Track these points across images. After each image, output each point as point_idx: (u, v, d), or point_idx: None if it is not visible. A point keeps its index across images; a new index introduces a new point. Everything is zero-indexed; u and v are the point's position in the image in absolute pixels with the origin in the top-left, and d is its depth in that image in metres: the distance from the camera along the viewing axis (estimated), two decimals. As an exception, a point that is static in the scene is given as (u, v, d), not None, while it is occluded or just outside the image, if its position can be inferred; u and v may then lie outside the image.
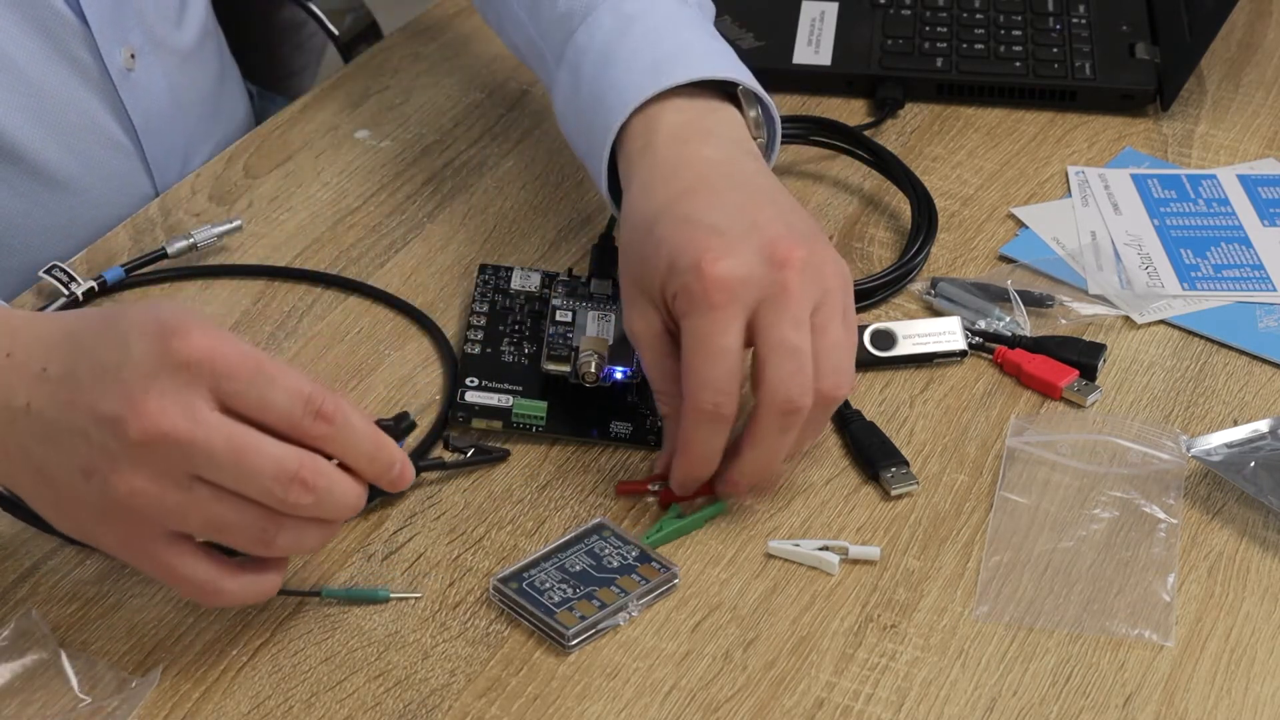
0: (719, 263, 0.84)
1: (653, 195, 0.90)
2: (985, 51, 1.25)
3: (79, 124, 1.11)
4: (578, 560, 0.87)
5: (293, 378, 0.76)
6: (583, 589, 0.85)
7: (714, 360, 0.84)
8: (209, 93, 1.23)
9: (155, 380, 0.74)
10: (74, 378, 0.75)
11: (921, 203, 1.10)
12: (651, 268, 0.87)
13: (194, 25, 1.21)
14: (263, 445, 0.75)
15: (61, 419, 0.75)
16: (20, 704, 0.80)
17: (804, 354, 0.85)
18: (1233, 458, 0.92)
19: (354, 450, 0.77)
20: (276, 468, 0.75)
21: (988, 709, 0.82)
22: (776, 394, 0.84)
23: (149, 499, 0.75)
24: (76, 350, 0.76)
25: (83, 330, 0.77)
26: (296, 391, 0.75)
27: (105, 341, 0.75)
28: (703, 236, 0.86)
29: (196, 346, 0.74)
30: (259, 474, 0.75)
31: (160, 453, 0.74)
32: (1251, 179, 1.15)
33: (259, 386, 0.75)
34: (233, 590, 0.79)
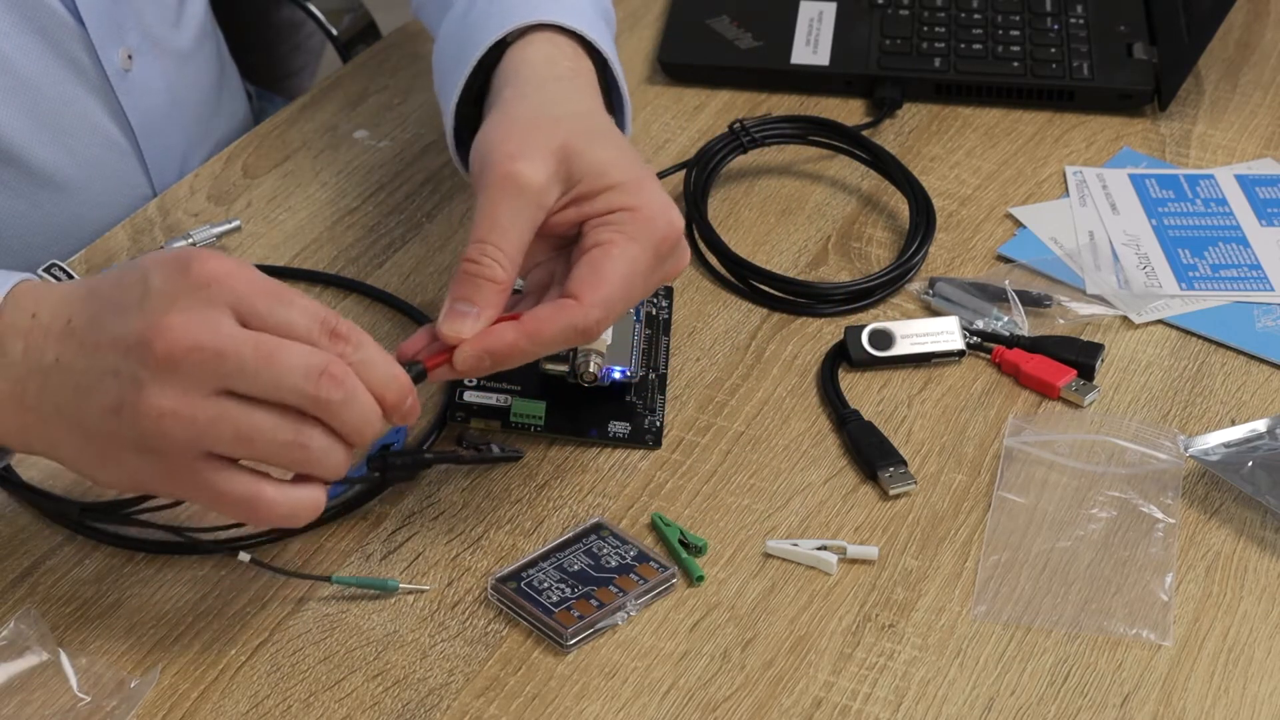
0: (678, 220, 0.87)
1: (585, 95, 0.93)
2: (983, 51, 1.25)
3: (76, 124, 1.11)
4: (576, 560, 0.87)
5: (309, 301, 0.78)
6: (581, 589, 0.85)
7: (631, 292, 0.85)
8: (207, 93, 1.23)
9: (176, 301, 0.75)
10: (97, 322, 0.77)
11: (919, 203, 1.10)
12: (603, 166, 0.87)
13: (192, 26, 1.21)
14: (290, 346, 0.76)
15: (90, 365, 0.77)
16: (20, 703, 0.81)
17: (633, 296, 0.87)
18: (1230, 457, 0.93)
19: (370, 370, 0.78)
20: (305, 363, 0.76)
21: (986, 708, 0.82)
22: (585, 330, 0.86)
23: (180, 420, 0.75)
24: (97, 299, 0.78)
25: (102, 282, 0.79)
26: (313, 312, 0.77)
27: (125, 283, 0.77)
28: (657, 188, 0.87)
29: (214, 269, 0.76)
30: (290, 371, 0.75)
31: (187, 368, 0.75)
32: (1249, 179, 1.15)
33: (277, 306, 0.76)
34: (278, 500, 0.78)
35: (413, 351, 0.84)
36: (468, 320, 0.84)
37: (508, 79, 0.94)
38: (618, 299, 0.85)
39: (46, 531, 0.89)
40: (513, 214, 0.85)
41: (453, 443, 0.93)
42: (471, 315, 0.84)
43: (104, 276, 0.80)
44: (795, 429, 0.96)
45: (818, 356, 1.01)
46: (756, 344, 1.02)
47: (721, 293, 1.05)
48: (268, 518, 0.78)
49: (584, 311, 0.84)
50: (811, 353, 1.01)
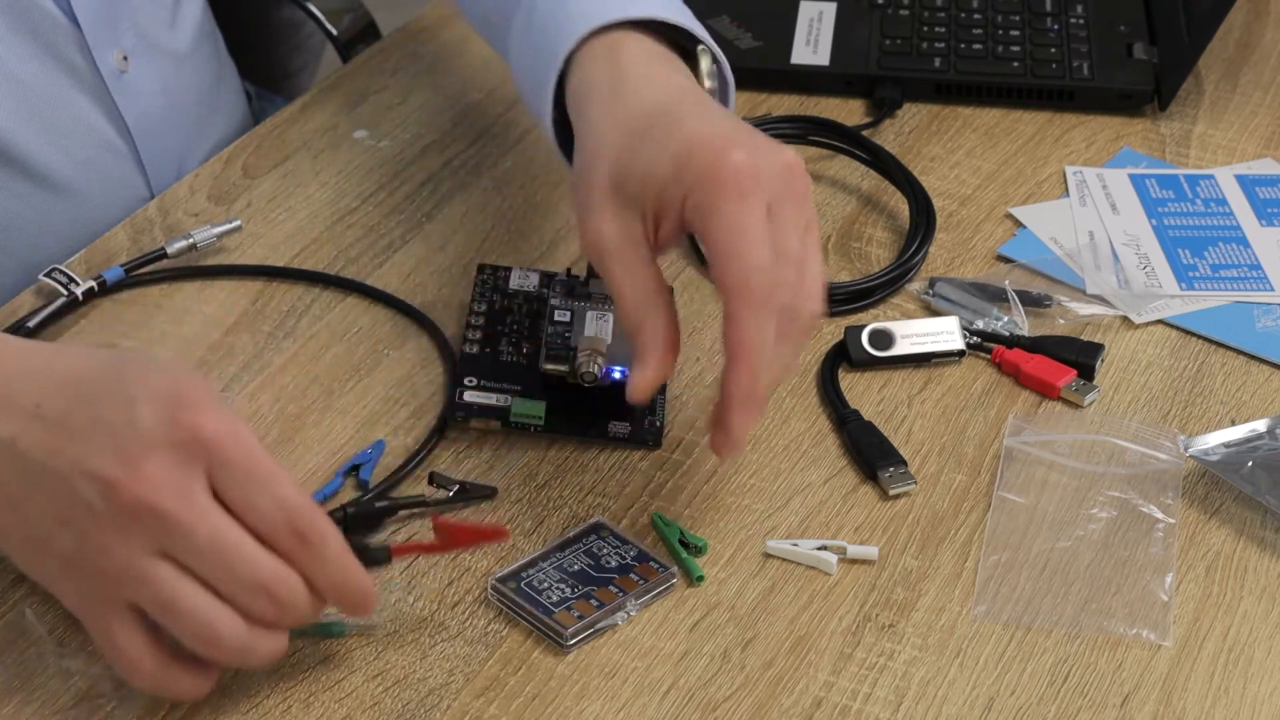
0: (744, 153, 0.81)
1: (631, 104, 0.86)
2: (983, 51, 1.25)
3: (72, 126, 1.11)
4: (576, 560, 0.87)
5: (285, 487, 0.75)
6: (581, 589, 0.85)
7: (758, 244, 0.81)
8: (205, 95, 1.23)
9: (155, 450, 0.73)
10: (68, 425, 0.74)
11: (919, 203, 1.10)
12: (649, 168, 0.83)
13: (189, 27, 1.20)
14: (244, 546, 0.74)
15: (49, 464, 0.74)
16: (20, 703, 0.81)
17: (820, 266, 0.84)
18: (1230, 457, 0.93)
19: (322, 575, 0.76)
20: (251, 572, 0.74)
21: (985, 708, 0.82)
22: (806, 302, 0.83)
23: (118, 562, 0.74)
24: (77, 398, 0.75)
25: (87, 378, 0.76)
26: (284, 502, 0.75)
27: (111, 397, 0.75)
28: (720, 129, 0.82)
29: (204, 426, 0.73)
30: (232, 572, 0.74)
31: (144, 523, 0.73)
32: (1249, 179, 1.15)
33: (251, 486, 0.74)
34: (159, 678, 0.77)
35: None
36: (648, 371, 0.84)
37: (573, 101, 0.91)
38: (757, 272, 0.81)
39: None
40: (612, 274, 0.84)
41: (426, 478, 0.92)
42: (651, 364, 0.84)
43: (88, 366, 0.77)
44: (795, 429, 0.96)
45: (818, 356, 1.01)
46: (756, 344, 1.02)
47: (721, 293, 1.05)
48: (143, 687, 0.77)
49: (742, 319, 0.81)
50: (811, 353, 1.01)
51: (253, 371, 0.99)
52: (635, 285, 0.84)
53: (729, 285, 0.81)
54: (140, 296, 1.04)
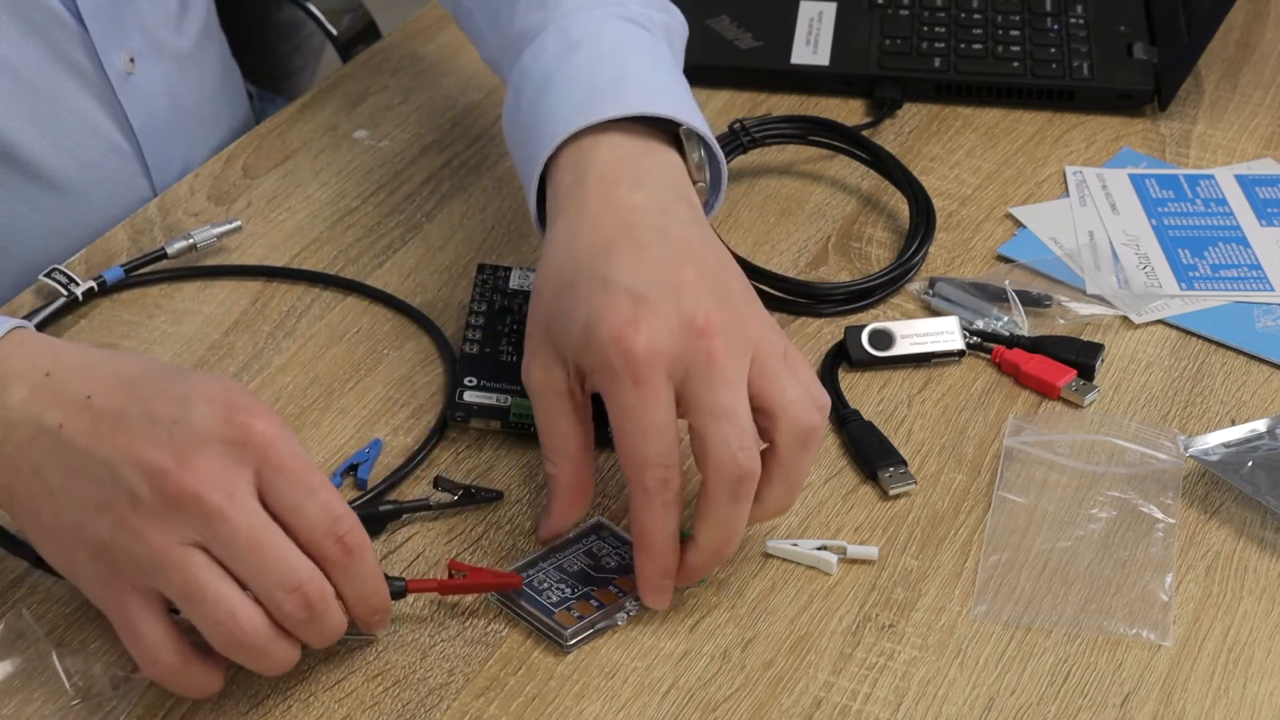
0: (640, 335, 0.80)
1: (575, 243, 0.85)
2: (983, 51, 1.25)
3: (78, 128, 1.11)
4: (575, 560, 0.87)
5: (330, 495, 0.76)
6: (580, 589, 0.85)
7: (652, 435, 0.80)
8: (209, 96, 1.23)
9: (208, 445, 0.74)
10: (121, 417, 0.76)
11: (919, 203, 1.10)
12: (566, 327, 0.83)
13: (194, 29, 1.20)
14: (284, 547, 0.75)
15: (95, 451, 0.75)
16: (20, 703, 0.81)
17: (741, 416, 0.80)
18: (1230, 457, 0.93)
19: (355, 586, 0.77)
20: (286, 571, 0.75)
21: (985, 708, 0.82)
22: (721, 461, 0.80)
23: (153, 548, 0.74)
24: (131, 394, 0.76)
25: (141, 377, 0.77)
26: (328, 510, 0.76)
27: (166, 396, 0.76)
28: (622, 304, 0.81)
29: (257, 428, 0.75)
30: (267, 569, 0.75)
31: (186, 513, 0.74)
32: (1249, 179, 1.15)
33: (298, 491, 0.75)
34: (176, 671, 0.77)
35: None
36: (550, 520, 0.87)
37: (548, 206, 0.90)
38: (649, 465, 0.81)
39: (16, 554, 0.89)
40: (536, 415, 0.86)
41: (430, 483, 0.92)
42: (554, 512, 0.87)
43: (142, 369, 0.78)
44: (795, 429, 0.96)
45: (818, 356, 1.01)
46: (756, 344, 1.02)
47: (721, 293, 1.05)
48: (155, 674, 0.78)
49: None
50: (811, 353, 1.01)
51: (252, 371, 0.99)
52: (552, 432, 0.85)
53: (627, 473, 0.82)
54: (140, 296, 1.04)
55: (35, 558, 0.86)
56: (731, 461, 0.80)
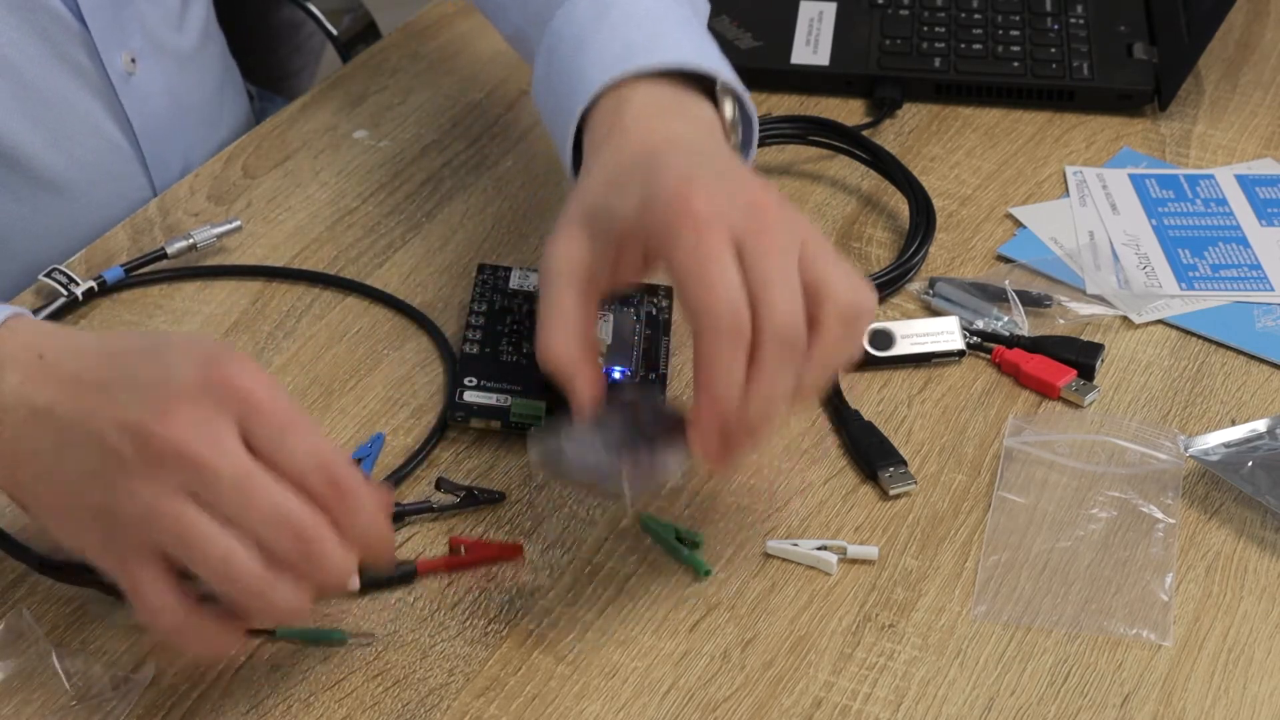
0: (700, 195, 0.80)
1: (620, 156, 0.86)
2: (983, 51, 1.25)
3: (79, 128, 1.11)
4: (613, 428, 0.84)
5: (317, 438, 0.76)
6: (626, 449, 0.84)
7: (721, 279, 0.79)
8: (210, 97, 1.23)
9: (186, 398, 0.74)
10: (105, 386, 0.76)
11: (919, 203, 1.10)
12: (618, 205, 0.83)
13: (195, 29, 1.21)
14: (269, 486, 0.74)
15: (82, 423, 0.76)
16: (20, 703, 0.81)
17: (794, 285, 0.80)
18: (1230, 457, 0.93)
19: (353, 524, 0.76)
20: (272, 508, 0.74)
21: (985, 708, 0.82)
22: (775, 323, 0.79)
23: (144, 504, 0.74)
24: (115, 367, 0.77)
25: (124, 350, 0.78)
26: (316, 451, 0.75)
27: (146, 361, 0.76)
28: (683, 174, 0.82)
29: (236, 378, 0.74)
30: (253, 505, 0.74)
31: (170, 466, 0.74)
32: (1249, 179, 1.15)
33: (283, 436, 0.75)
34: (183, 626, 0.76)
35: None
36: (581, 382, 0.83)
37: (584, 156, 0.91)
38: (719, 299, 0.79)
39: (17, 558, 0.89)
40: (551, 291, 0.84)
41: (431, 485, 0.92)
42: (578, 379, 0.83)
43: (125, 341, 0.78)
44: (795, 429, 0.96)
45: (818, 356, 1.01)
46: (756, 344, 1.02)
47: (721, 293, 1.05)
48: (167, 634, 0.77)
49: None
50: (811, 353, 1.01)
51: (253, 371, 0.99)
52: (564, 314, 0.83)
53: (692, 311, 0.80)
54: (140, 296, 1.04)
55: (37, 560, 0.86)
56: (785, 324, 0.79)
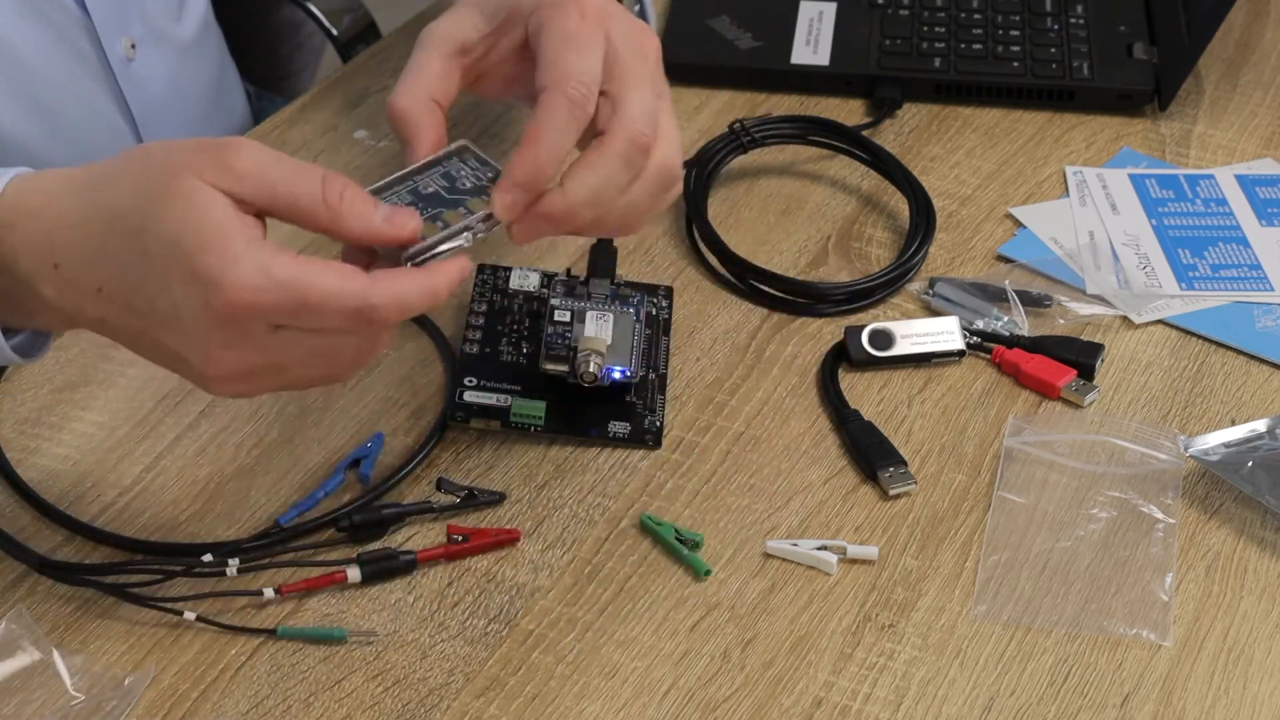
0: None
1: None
2: (983, 51, 1.25)
3: (79, 114, 1.12)
4: (431, 182, 0.84)
5: (334, 295, 0.76)
6: (430, 210, 0.82)
7: (587, 55, 0.84)
8: (208, 86, 1.24)
9: (213, 334, 0.76)
10: (134, 310, 0.78)
11: (919, 203, 1.10)
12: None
13: (194, 19, 1.22)
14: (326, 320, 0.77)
15: (138, 343, 0.79)
16: (20, 703, 0.81)
17: (651, 108, 0.85)
18: (1230, 457, 0.93)
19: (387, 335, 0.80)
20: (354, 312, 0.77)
21: (985, 708, 0.82)
22: (628, 127, 0.84)
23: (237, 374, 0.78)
24: (123, 279, 0.77)
25: (121, 252, 0.77)
26: (341, 311, 0.76)
27: (150, 279, 0.76)
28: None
29: (235, 301, 0.75)
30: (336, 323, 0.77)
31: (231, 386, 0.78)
32: (1249, 179, 1.15)
33: (306, 319, 0.76)
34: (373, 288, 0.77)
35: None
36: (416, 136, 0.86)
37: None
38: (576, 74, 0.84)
39: (47, 531, 0.89)
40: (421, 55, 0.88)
41: (431, 485, 0.92)
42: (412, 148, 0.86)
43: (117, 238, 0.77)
44: (795, 429, 0.96)
45: (818, 356, 1.01)
46: (756, 344, 1.02)
47: (721, 293, 1.05)
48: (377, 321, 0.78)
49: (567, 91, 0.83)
50: (811, 353, 1.01)
51: (253, 371, 0.99)
52: (424, 70, 0.88)
53: (549, 76, 0.83)
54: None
55: (37, 560, 0.87)
56: (638, 132, 0.84)
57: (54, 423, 0.96)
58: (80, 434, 0.95)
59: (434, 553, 0.87)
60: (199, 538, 0.89)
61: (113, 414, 0.96)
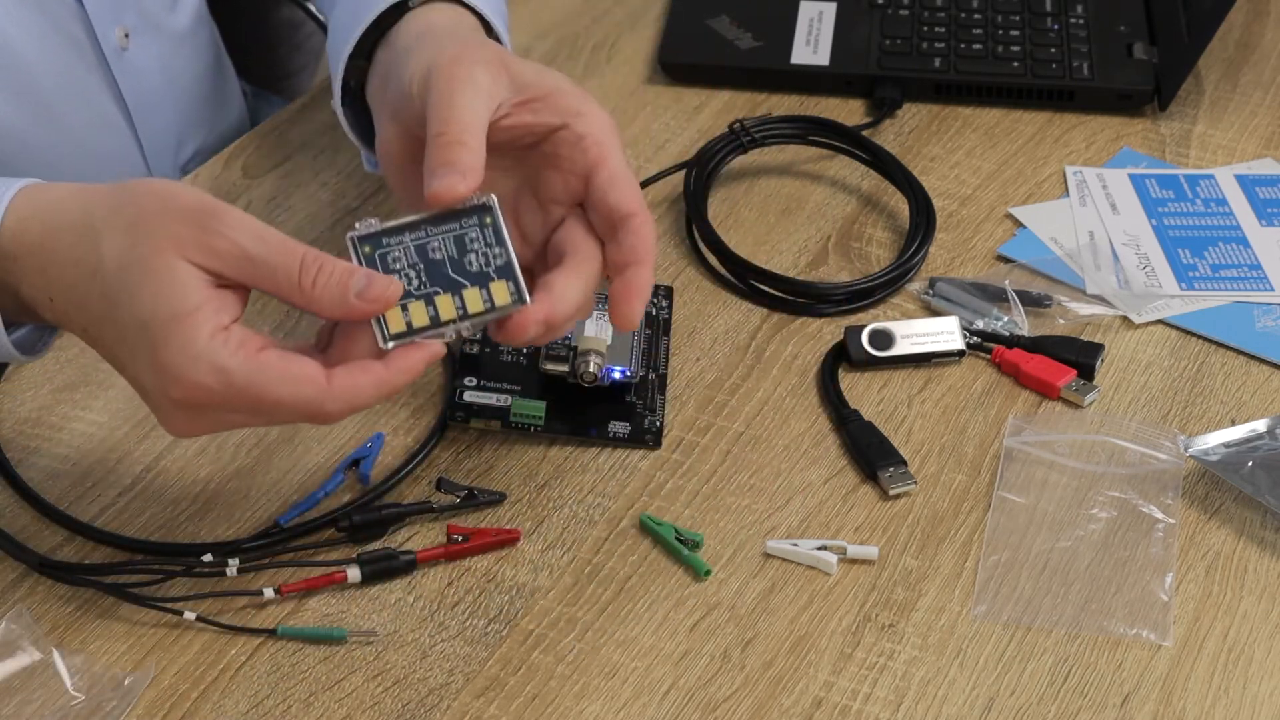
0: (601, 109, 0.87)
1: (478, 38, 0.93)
2: (983, 51, 1.25)
3: (73, 103, 1.12)
4: (441, 245, 0.82)
5: (287, 402, 0.78)
6: (427, 286, 0.82)
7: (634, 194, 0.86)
8: (202, 78, 1.24)
9: (171, 410, 0.79)
10: (110, 358, 0.81)
11: (919, 203, 1.10)
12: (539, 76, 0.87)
13: (188, 9, 1.22)
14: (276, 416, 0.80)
15: (119, 367, 0.81)
16: (20, 703, 0.81)
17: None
18: (1230, 457, 0.93)
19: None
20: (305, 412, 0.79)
21: (985, 708, 0.82)
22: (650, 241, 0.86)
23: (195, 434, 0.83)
24: (100, 332, 0.80)
25: (99, 311, 0.80)
26: (294, 414, 0.79)
27: (120, 347, 0.80)
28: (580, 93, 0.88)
29: (190, 397, 0.78)
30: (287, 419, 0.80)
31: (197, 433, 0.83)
32: (1249, 179, 1.15)
33: (260, 416, 0.79)
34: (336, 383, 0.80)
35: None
36: (454, 178, 0.82)
37: (418, 31, 0.94)
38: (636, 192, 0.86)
39: (47, 531, 0.89)
40: (468, 102, 0.84)
41: (431, 485, 0.92)
42: (458, 174, 0.82)
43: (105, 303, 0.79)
44: (795, 429, 0.96)
45: (818, 356, 1.01)
46: (756, 344, 1.02)
47: (721, 293, 1.05)
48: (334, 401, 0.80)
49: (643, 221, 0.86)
50: (811, 353, 1.01)
51: (253, 371, 0.99)
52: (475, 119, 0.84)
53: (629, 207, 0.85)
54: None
55: (37, 560, 0.87)
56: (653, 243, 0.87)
57: (54, 423, 0.96)
58: (80, 434, 0.95)
59: (434, 553, 0.87)
60: (199, 538, 0.89)
61: (113, 414, 0.96)
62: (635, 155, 1.16)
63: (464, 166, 0.82)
